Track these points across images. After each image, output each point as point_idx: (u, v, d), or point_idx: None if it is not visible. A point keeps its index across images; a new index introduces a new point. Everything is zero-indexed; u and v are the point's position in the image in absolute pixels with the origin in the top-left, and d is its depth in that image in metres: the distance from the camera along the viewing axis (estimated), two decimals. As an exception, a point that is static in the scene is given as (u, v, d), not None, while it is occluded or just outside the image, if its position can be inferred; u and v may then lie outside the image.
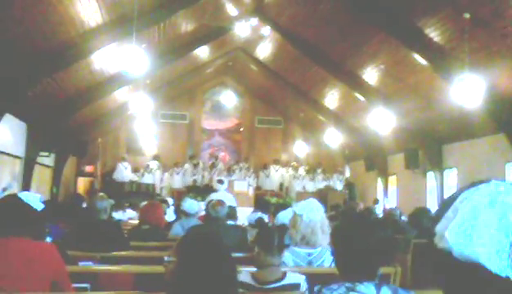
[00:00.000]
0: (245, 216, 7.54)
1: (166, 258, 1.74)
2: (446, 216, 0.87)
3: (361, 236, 1.90)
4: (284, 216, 4.64)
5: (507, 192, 0.87)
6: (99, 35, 9.34)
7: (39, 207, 2.73)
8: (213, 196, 7.96)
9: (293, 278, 2.85)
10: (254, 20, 13.08)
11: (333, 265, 3.50)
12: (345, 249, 1.94)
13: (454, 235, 0.83)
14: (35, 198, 2.76)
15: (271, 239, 2.81)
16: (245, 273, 2.80)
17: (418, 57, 10.16)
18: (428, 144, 13.53)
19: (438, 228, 0.88)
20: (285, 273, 2.85)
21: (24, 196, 2.70)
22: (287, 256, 3.32)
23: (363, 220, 2.08)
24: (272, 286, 2.77)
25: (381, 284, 1.82)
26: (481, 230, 0.81)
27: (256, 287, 2.76)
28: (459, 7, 8.22)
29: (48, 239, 3.45)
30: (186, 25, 11.96)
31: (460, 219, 0.84)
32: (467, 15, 8.13)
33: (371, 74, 12.53)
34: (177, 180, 17.08)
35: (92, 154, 16.55)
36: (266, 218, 6.71)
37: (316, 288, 1.85)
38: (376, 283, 1.81)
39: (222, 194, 8.29)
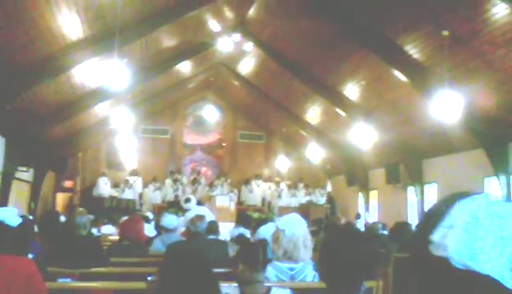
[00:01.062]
0: (227, 230, 7.48)
1: (149, 277, 1.71)
2: (444, 226, 0.87)
3: (347, 249, 1.90)
4: (265, 231, 4.61)
5: (503, 205, 0.88)
6: (80, 49, 9.26)
7: (16, 221, 2.66)
8: (191, 211, 7.92)
9: (279, 292, 2.83)
10: (237, 36, 13.16)
11: (315, 279, 3.48)
12: (332, 262, 1.94)
13: (457, 245, 0.84)
14: (12, 213, 2.70)
15: (255, 255, 2.78)
16: (233, 289, 2.77)
17: (398, 73, 10.32)
18: (408, 159, 13.69)
19: (436, 237, 0.89)
20: (269, 289, 2.82)
21: (0, 211, 2.64)
22: (270, 270, 3.29)
23: (350, 234, 2.09)
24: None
25: None
26: (487, 243, 0.82)
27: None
28: (438, 25, 8.40)
29: (30, 256, 3.37)
30: (168, 40, 11.97)
31: (463, 229, 0.85)
32: (446, 33, 8.31)
33: (352, 90, 12.67)
34: (158, 196, 16.92)
35: (71, 169, 16.33)
36: (248, 233, 6.67)
37: None
38: None
39: (199, 209, 8.24)
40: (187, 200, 9.66)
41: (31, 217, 10.14)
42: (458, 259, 0.84)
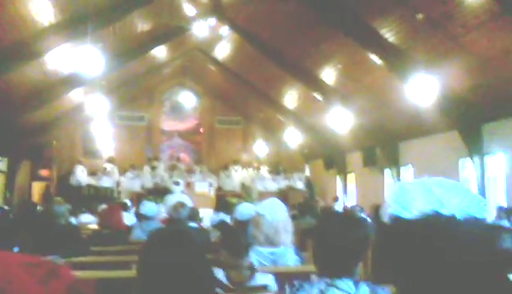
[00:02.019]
0: (207, 217, 7.50)
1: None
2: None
3: (339, 233, 1.93)
4: (243, 211, 4.57)
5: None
6: (52, 35, 9.05)
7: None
8: (170, 198, 7.90)
9: (262, 278, 2.86)
10: (212, 20, 13.01)
11: (297, 263, 3.52)
12: (323, 246, 1.96)
13: (393, 201, 1.13)
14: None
15: (237, 241, 2.80)
16: (220, 273, 2.78)
17: (374, 57, 10.39)
18: (384, 142, 13.87)
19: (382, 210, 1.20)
20: (253, 273, 2.85)
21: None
22: (251, 256, 3.32)
23: (342, 219, 2.11)
24: (245, 286, 2.77)
25: (359, 281, 1.85)
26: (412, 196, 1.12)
27: (230, 287, 2.75)
28: (412, 8, 8.46)
29: (15, 249, 3.31)
30: (142, 25, 11.78)
31: (396, 192, 1.17)
32: (420, 16, 8.38)
33: (329, 74, 12.72)
34: (136, 183, 16.78)
35: (46, 158, 16.02)
36: (228, 219, 6.69)
37: (297, 283, 1.87)
38: (354, 280, 1.85)
39: (178, 196, 8.23)
40: (176, 183, 9.56)
41: (6, 208, 9.96)
42: (396, 209, 1.11)
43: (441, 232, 1.03)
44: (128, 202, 10.77)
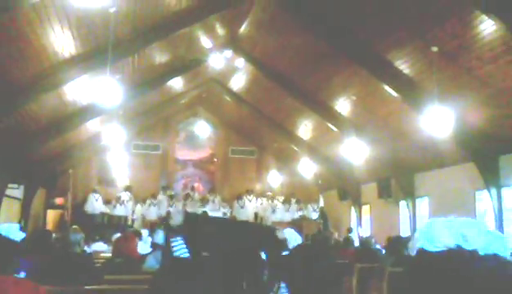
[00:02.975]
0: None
1: None
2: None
3: (309, 265, 1.92)
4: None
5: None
6: (72, 66, 9.26)
7: (20, 236, 2.65)
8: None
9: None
10: (228, 52, 13.24)
11: None
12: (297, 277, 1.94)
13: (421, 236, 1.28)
14: (14, 228, 2.68)
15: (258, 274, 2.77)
16: None
17: (388, 88, 10.42)
18: (400, 174, 13.75)
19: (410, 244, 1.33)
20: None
21: (4, 228, 2.62)
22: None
23: (308, 251, 2.09)
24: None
25: None
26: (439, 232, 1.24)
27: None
28: (427, 41, 8.52)
29: (22, 274, 3.33)
30: (160, 57, 12.01)
31: (423, 230, 1.31)
32: (435, 49, 8.43)
33: (343, 105, 12.76)
34: (153, 212, 16.81)
35: (62, 186, 16.18)
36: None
37: None
38: None
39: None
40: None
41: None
42: (423, 243, 1.24)
43: (464, 264, 1.13)
44: (144, 232, 10.75)
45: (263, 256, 2.26)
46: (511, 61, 7.81)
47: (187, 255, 1.87)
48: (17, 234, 2.62)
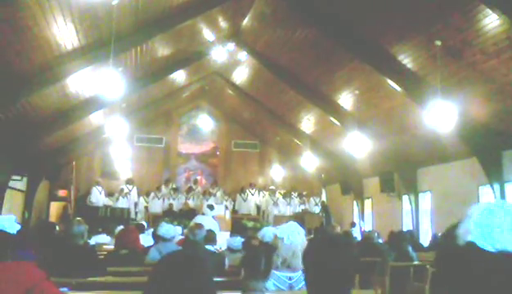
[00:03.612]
0: (222, 240, 7.47)
1: None
2: (464, 223, 1.26)
3: (330, 257, 1.91)
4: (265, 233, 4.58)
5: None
6: (75, 58, 9.27)
7: (15, 228, 2.65)
8: (198, 219, 7.92)
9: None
10: (231, 45, 13.21)
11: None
12: (315, 271, 1.94)
13: (475, 229, 1.20)
14: (10, 220, 2.69)
15: (257, 264, 2.79)
16: None
17: (391, 83, 10.39)
18: (402, 168, 13.74)
19: (461, 230, 1.27)
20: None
21: (-1, 219, 2.63)
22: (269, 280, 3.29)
23: (331, 242, 2.09)
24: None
25: None
26: (502, 226, 1.19)
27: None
28: (430, 35, 8.49)
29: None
30: (163, 49, 12.00)
31: (479, 217, 1.23)
32: (438, 43, 8.40)
33: (346, 99, 12.74)
34: (157, 204, 16.85)
35: (65, 178, 16.24)
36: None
37: None
38: None
39: (206, 219, 8.26)
40: (211, 207, 9.46)
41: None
42: (478, 239, 1.17)
43: None
44: (145, 224, 10.79)
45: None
46: (515, 56, 7.78)
47: None
48: (13, 226, 2.62)
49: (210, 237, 5.27)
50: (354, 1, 9.25)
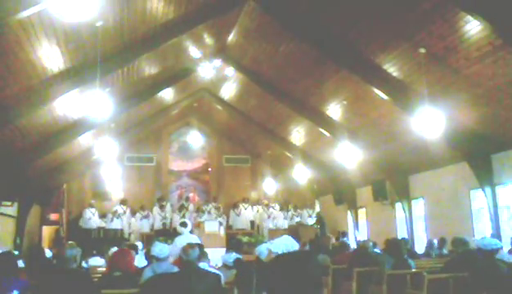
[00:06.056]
0: (218, 256, 7.41)
1: None
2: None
3: (293, 266, 1.92)
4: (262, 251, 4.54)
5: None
6: (62, 81, 9.23)
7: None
8: (178, 240, 7.89)
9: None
10: (218, 62, 13.26)
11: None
12: (281, 279, 1.94)
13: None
14: None
15: (249, 280, 2.77)
16: None
17: (378, 92, 10.47)
18: (394, 176, 13.80)
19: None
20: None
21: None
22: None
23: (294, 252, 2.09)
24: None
25: None
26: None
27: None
28: (414, 43, 8.59)
29: (15, 292, 3.30)
30: (149, 68, 12.00)
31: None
32: (422, 50, 8.50)
33: (335, 110, 12.81)
34: (145, 224, 16.73)
35: (56, 202, 16.08)
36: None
37: None
38: None
39: (186, 237, 8.19)
40: (184, 224, 9.39)
41: (17, 253, 9.93)
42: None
43: None
44: (140, 244, 10.70)
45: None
46: (498, 60, 7.88)
47: None
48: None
49: (201, 253, 5.22)
50: (338, 13, 9.34)
